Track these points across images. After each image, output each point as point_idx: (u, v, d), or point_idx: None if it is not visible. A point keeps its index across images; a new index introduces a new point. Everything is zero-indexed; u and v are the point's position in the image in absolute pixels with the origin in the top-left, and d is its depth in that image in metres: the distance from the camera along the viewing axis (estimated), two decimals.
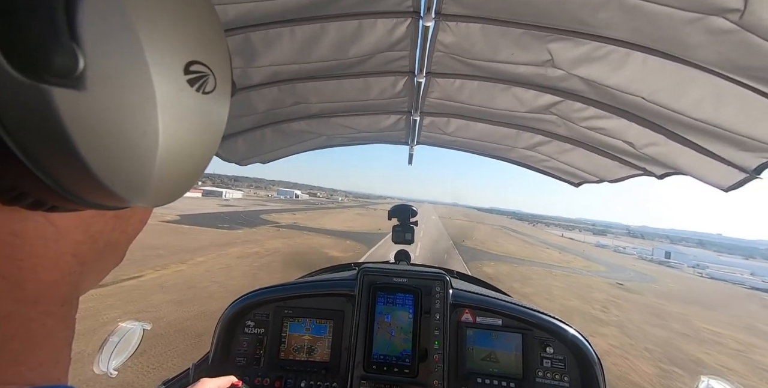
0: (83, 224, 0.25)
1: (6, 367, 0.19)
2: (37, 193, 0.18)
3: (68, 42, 0.15)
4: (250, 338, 1.34)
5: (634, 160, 1.67)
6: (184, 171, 0.24)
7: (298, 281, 1.52)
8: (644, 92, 1.24)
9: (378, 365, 1.25)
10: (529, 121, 1.81)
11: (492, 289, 1.73)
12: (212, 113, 0.25)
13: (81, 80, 0.16)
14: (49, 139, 0.16)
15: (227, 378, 0.77)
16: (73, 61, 0.15)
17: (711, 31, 0.89)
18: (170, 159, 0.22)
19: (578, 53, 1.19)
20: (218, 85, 0.25)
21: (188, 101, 0.22)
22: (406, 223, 1.66)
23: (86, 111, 0.16)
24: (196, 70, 0.22)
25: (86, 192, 0.19)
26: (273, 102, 1.70)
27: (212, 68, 0.24)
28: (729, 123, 1.13)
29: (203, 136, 0.25)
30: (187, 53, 0.22)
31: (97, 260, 0.27)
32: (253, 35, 1.22)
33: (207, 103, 0.24)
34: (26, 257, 0.21)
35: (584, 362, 1.24)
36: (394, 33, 1.28)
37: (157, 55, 0.19)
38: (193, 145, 0.24)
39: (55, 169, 0.17)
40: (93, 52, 0.16)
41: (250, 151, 2.09)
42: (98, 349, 0.75)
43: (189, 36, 0.22)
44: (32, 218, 0.21)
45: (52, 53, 0.15)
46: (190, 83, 0.22)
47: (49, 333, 0.22)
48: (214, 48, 0.24)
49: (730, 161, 1.24)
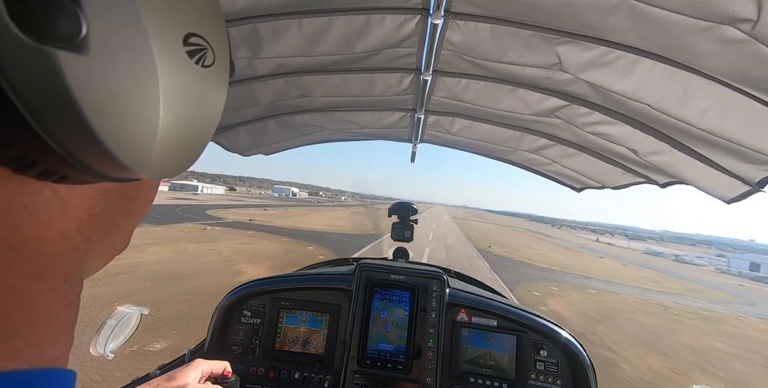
0: (89, 201, 0.25)
1: (4, 343, 0.18)
2: (47, 161, 0.18)
3: (71, 6, 0.15)
4: (247, 327, 1.35)
5: (637, 167, 1.67)
6: (185, 144, 0.25)
7: (296, 274, 1.52)
8: (650, 99, 1.23)
9: (372, 360, 1.26)
10: (533, 124, 1.81)
11: (489, 290, 1.74)
12: (211, 88, 0.25)
13: (84, 44, 0.16)
14: (56, 103, 0.16)
15: (222, 363, 0.77)
16: (76, 25, 0.15)
17: (721, 40, 0.88)
18: (172, 129, 0.22)
19: (586, 57, 1.18)
20: (217, 61, 0.25)
21: (187, 72, 0.22)
22: (406, 220, 1.66)
23: (90, 75, 0.17)
24: (195, 42, 0.22)
25: (92, 159, 0.19)
26: (277, 94, 1.70)
27: (211, 43, 0.24)
28: (734, 134, 1.12)
29: (203, 110, 0.25)
30: (186, 25, 0.22)
31: (101, 239, 0.27)
32: (260, 26, 1.22)
33: (206, 76, 0.24)
34: (33, 229, 0.21)
35: (577, 366, 1.25)
36: (402, 29, 1.28)
37: (157, 24, 0.20)
38: (193, 118, 0.24)
39: (62, 135, 0.17)
40: (94, 17, 0.16)
41: (253, 142, 2.10)
42: (96, 331, 0.75)
43: (188, 8, 0.22)
44: (41, 190, 0.21)
45: (57, 17, 0.15)
46: (189, 55, 0.22)
47: (51, 309, 0.22)
48: (213, 23, 0.24)
49: (734, 173, 1.23)
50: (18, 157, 0.18)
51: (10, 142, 0.17)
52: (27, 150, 0.17)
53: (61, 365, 0.22)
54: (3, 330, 0.18)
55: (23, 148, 0.17)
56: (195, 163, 0.28)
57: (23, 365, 0.19)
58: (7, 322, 0.19)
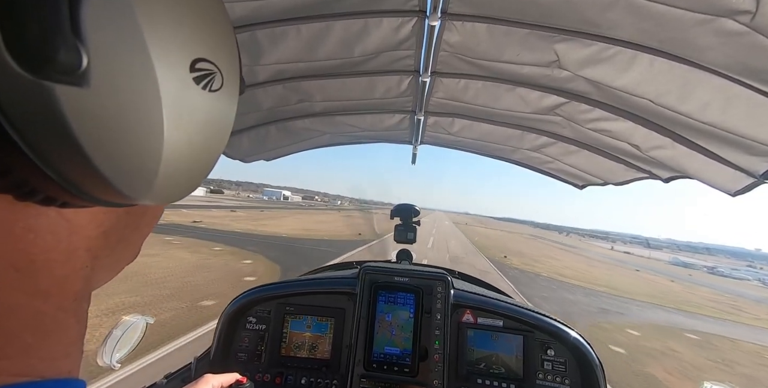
0: (96, 220, 0.25)
1: (17, 359, 0.19)
2: (47, 189, 0.18)
3: (71, 38, 0.15)
4: (252, 334, 1.35)
5: (639, 163, 1.66)
6: (190, 169, 0.24)
7: (300, 279, 1.52)
8: (651, 94, 1.22)
9: (378, 363, 1.26)
10: (533, 123, 1.80)
11: (493, 290, 1.73)
12: (219, 111, 0.25)
13: (84, 77, 0.16)
14: (54, 136, 0.16)
15: (231, 375, 0.76)
16: (76, 58, 0.15)
17: (720, 33, 0.88)
18: (176, 157, 0.22)
19: (585, 54, 1.18)
20: (226, 83, 0.25)
21: (194, 99, 0.22)
22: (409, 222, 1.66)
23: (90, 108, 0.17)
24: (202, 67, 0.22)
25: (93, 189, 0.19)
26: (278, 100, 1.71)
27: (219, 66, 0.24)
28: (737, 126, 1.11)
29: (210, 134, 0.25)
30: (193, 50, 0.22)
31: (109, 255, 0.27)
32: (259, 33, 1.23)
33: (214, 101, 0.24)
34: (39, 251, 0.21)
35: (585, 365, 1.24)
36: (399, 32, 1.28)
37: (162, 52, 0.19)
38: (199, 143, 0.24)
39: (61, 166, 0.17)
40: (96, 48, 0.16)
41: (254, 149, 2.10)
42: (102, 342, 0.76)
43: (195, 33, 0.22)
44: (46, 213, 0.21)
45: (56, 50, 0.14)
46: (196, 81, 0.22)
47: (61, 327, 0.22)
48: (221, 45, 0.24)
49: (738, 165, 1.22)
50: (19, 185, 0.18)
51: (10, 170, 0.17)
52: (27, 178, 0.17)
53: (73, 376, 0.22)
54: (15, 348, 0.19)
55: (23, 176, 0.17)
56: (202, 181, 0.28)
57: (36, 379, 0.19)
58: (18, 340, 0.19)
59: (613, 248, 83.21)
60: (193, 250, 12.16)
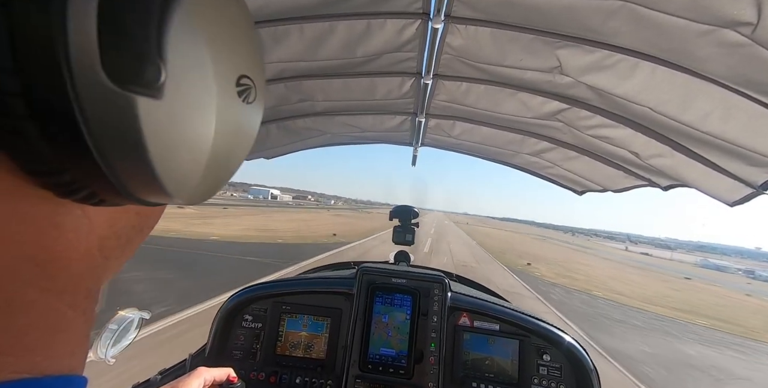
0: (111, 220, 0.26)
1: (22, 356, 0.19)
2: (94, 187, 0.20)
3: (156, 58, 0.18)
4: (248, 332, 1.34)
5: (639, 170, 1.67)
6: (220, 173, 0.27)
7: (297, 278, 1.52)
8: (652, 103, 1.23)
9: (374, 364, 1.25)
10: (534, 128, 1.81)
11: (491, 294, 1.73)
12: (251, 121, 0.28)
13: (161, 90, 0.18)
14: (125, 141, 0.18)
15: (225, 370, 0.77)
16: (157, 74, 0.18)
17: (722, 43, 0.89)
18: (215, 162, 0.25)
19: (587, 61, 1.19)
20: (257, 96, 0.27)
21: (236, 110, 0.25)
22: (407, 224, 1.66)
23: (160, 117, 0.19)
24: (244, 83, 0.25)
25: (140, 188, 0.21)
26: (279, 99, 1.72)
27: (255, 81, 0.27)
28: (736, 137, 1.12)
29: (241, 141, 0.28)
30: (240, 67, 0.25)
31: (118, 256, 0.28)
32: (262, 31, 1.23)
33: (249, 112, 0.27)
34: (61, 249, 0.21)
35: (581, 370, 1.24)
36: (402, 34, 1.29)
37: (219, 69, 0.22)
38: (233, 150, 0.27)
39: (121, 167, 0.19)
40: (173, 66, 0.19)
41: (255, 146, 2.10)
42: (98, 336, 0.75)
43: (241, 52, 0.25)
44: (73, 211, 0.22)
45: (143, 67, 0.17)
46: (239, 94, 0.25)
47: (70, 325, 0.22)
48: (257, 63, 0.27)
49: (737, 176, 1.23)
50: (66, 184, 0.19)
51: (67, 170, 0.18)
52: (78, 177, 0.19)
53: (78, 371, 0.22)
54: (22, 345, 0.19)
55: (75, 175, 0.19)
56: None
57: (38, 376, 0.20)
58: (25, 337, 0.19)
59: (628, 249, 79.92)
60: None
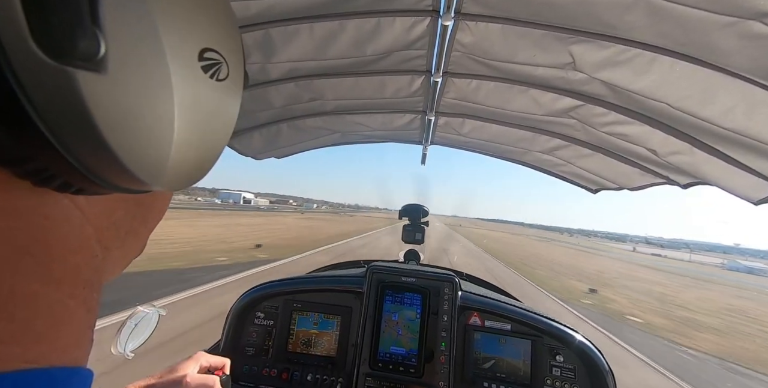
0: (107, 210, 0.26)
1: (29, 346, 0.19)
2: (64, 174, 0.19)
3: (91, 27, 0.16)
4: (260, 329, 1.37)
5: (656, 168, 1.62)
6: (198, 156, 0.25)
7: (308, 276, 1.54)
8: (670, 98, 1.19)
9: (384, 362, 1.26)
10: (546, 125, 1.78)
11: (502, 293, 1.71)
12: (225, 101, 0.26)
13: (102, 64, 0.17)
14: (74, 120, 0.17)
15: (222, 359, 0.79)
16: (95, 46, 0.16)
17: (746, 35, 0.85)
18: (185, 143, 0.23)
19: (601, 56, 1.16)
20: (231, 74, 0.26)
21: (202, 87, 0.23)
22: (417, 222, 1.65)
23: (107, 93, 0.17)
24: (210, 57, 0.23)
25: (108, 173, 0.20)
26: (290, 98, 1.73)
27: (225, 57, 0.25)
28: (761, 133, 1.07)
29: (215, 123, 0.26)
30: (202, 40, 0.23)
31: (119, 247, 0.28)
32: (272, 31, 1.24)
33: (220, 90, 0.25)
34: (54, 239, 0.21)
35: (595, 371, 1.21)
36: (412, 31, 1.28)
37: (173, 41, 0.20)
38: (206, 131, 0.25)
39: (80, 150, 0.18)
40: (113, 37, 0.17)
41: (266, 146, 2.13)
42: (116, 331, 0.78)
43: (203, 24, 0.23)
44: (61, 201, 0.22)
45: (77, 37, 0.15)
46: (204, 69, 0.23)
47: (72, 315, 0.22)
48: (227, 38, 0.25)
49: (762, 173, 1.18)
50: (38, 171, 0.18)
51: (31, 156, 0.18)
52: (46, 164, 0.18)
53: (82, 363, 0.23)
54: (28, 335, 0.19)
55: (43, 162, 0.18)
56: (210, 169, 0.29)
57: (46, 366, 0.20)
58: (31, 327, 0.19)
59: (636, 250, 76.58)
60: None
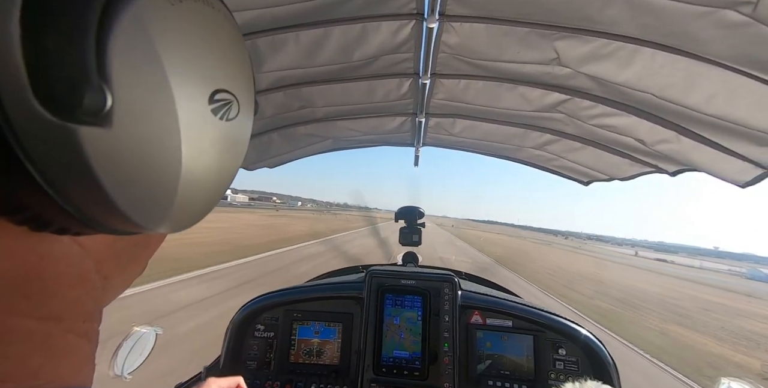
0: (107, 243, 0.25)
1: (23, 381, 0.19)
2: (63, 222, 0.18)
3: (97, 81, 0.15)
4: (260, 341, 1.35)
5: (645, 157, 1.64)
6: (204, 197, 0.24)
7: (306, 285, 1.53)
8: (654, 88, 1.21)
9: (388, 367, 1.25)
10: (536, 121, 1.79)
11: (501, 290, 1.71)
12: (235, 139, 0.25)
13: (108, 118, 0.16)
14: (75, 175, 0.16)
15: (234, 379, 0.77)
16: (101, 100, 0.15)
17: (723, 24, 0.87)
18: (191, 187, 0.22)
19: (585, 51, 1.17)
20: (242, 110, 0.25)
21: (211, 130, 0.22)
22: (413, 224, 1.65)
23: (111, 147, 0.16)
24: (220, 98, 0.22)
25: (109, 221, 0.19)
26: (279, 107, 1.72)
27: (236, 94, 0.24)
28: (743, 118, 1.10)
29: (225, 161, 0.25)
30: (213, 83, 0.22)
31: (120, 274, 0.28)
32: (259, 42, 1.24)
33: (230, 129, 0.24)
34: (51, 277, 0.21)
35: (598, 364, 1.22)
36: (398, 35, 1.28)
37: (183, 88, 0.19)
38: (214, 171, 0.24)
39: (80, 202, 0.17)
40: (120, 89, 0.16)
41: (258, 156, 2.11)
42: (113, 353, 0.76)
43: (214, 65, 0.22)
44: (59, 239, 0.21)
45: (83, 93, 0.14)
46: (214, 112, 0.22)
47: (72, 349, 0.22)
48: (238, 73, 0.24)
49: (747, 157, 1.21)
50: (35, 219, 0.18)
51: (28, 206, 0.17)
52: (41, 213, 0.17)
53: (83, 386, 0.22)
54: (23, 371, 0.19)
55: (40, 210, 0.17)
56: None
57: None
58: (27, 363, 0.19)
59: (638, 254, 73.79)
60: None
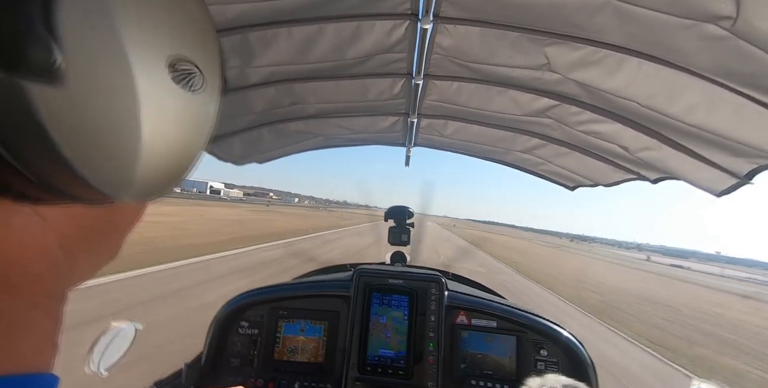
0: (72, 217, 0.24)
1: None
2: (20, 187, 0.18)
3: (44, 34, 0.14)
4: (244, 338, 1.33)
5: (628, 164, 1.69)
6: (169, 168, 0.24)
7: (293, 282, 1.51)
8: (639, 97, 1.25)
9: (373, 366, 1.25)
10: (525, 125, 1.83)
11: (487, 291, 1.74)
12: (200, 111, 0.25)
13: (58, 76, 0.15)
14: (29, 135, 0.16)
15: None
16: (49, 56, 0.15)
17: (704, 37, 0.90)
18: (154, 156, 0.22)
19: (574, 57, 1.20)
20: (207, 84, 0.24)
21: (173, 99, 0.22)
22: (403, 224, 1.66)
23: (64, 106, 0.16)
24: (181, 67, 0.22)
25: (68, 187, 0.19)
26: (270, 102, 1.70)
27: (200, 65, 0.23)
28: (721, 128, 1.14)
29: (190, 133, 0.24)
30: (172, 50, 0.21)
31: (87, 252, 0.27)
32: (251, 35, 1.22)
33: (194, 101, 0.23)
34: (12, 248, 0.21)
35: (578, 364, 1.25)
36: (392, 35, 1.29)
37: (139, 51, 0.19)
38: (179, 143, 0.24)
39: (36, 164, 0.17)
40: (71, 47, 0.16)
41: (247, 151, 2.09)
42: (89, 349, 0.74)
43: (175, 31, 0.21)
44: (20, 210, 0.21)
45: (28, 48, 0.14)
46: (175, 80, 0.22)
47: (32, 324, 0.21)
48: (202, 45, 0.24)
49: (723, 166, 1.25)
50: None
51: None
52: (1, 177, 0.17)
53: (45, 371, 0.21)
54: None
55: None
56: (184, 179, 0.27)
57: (2, 374, 0.19)
58: None
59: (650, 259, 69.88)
60: None
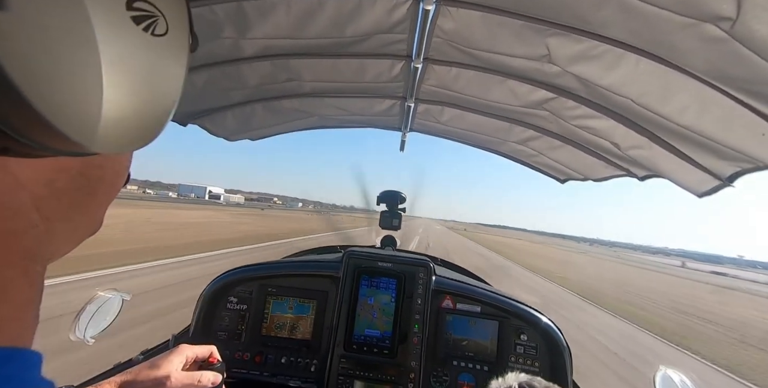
0: (44, 178, 0.24)
1: None
2: None
3: None
4: (233, 313, 1.34)
5: (618, 160, 1.72)
6: (139, 116, 0.23)
7: (283, 261, 1.52)
8: (633, 94, 1.26)
9: (359, 344, 1.28)
10: (521, 116, 1.83)
11: (474, 277, 1.78)
12: (165, 59, 0.24)
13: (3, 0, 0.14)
14: None
15: (208, 348, 0.73)
16: None
17: (703, 37, 0.90)
18: (120, 100, 0.21)
19: (575, 50, 1.19)
20: (171, 30, 0.23)
21: (133, 39, 0.21)
22: (394, 209, 1.67)
23: (11, 33, 0.15)
24: (141, 7, 0.21)
25: (31, 129, 0.18)
26: (265, 77, 1.65)
27: (162, 10, 0.22)
28: (709, 131, 1.16)
29: (157, 81, 0.24)
30: None
31: (64, 219, 0.26)
32: (246, 4, 1.17)
33: (157, 46, 0.23)
34: None
35: (555, 349, 1.31)
36: (393, 14, 1.25)
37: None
38: (145, 89, 0.23)
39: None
40: None
41: (240, 127, 2.04)
42: (75, 316, 0.73)
43: None
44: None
45: None
46: (135, 20, 0.21)
47: (9, 285, 0.21)
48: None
49: (707, 168, 1.28)
50: None
51: None
52: None
53: (24, 342, 0.21)
54: None
55: None
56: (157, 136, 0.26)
57: None
58: None
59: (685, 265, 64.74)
60: None
